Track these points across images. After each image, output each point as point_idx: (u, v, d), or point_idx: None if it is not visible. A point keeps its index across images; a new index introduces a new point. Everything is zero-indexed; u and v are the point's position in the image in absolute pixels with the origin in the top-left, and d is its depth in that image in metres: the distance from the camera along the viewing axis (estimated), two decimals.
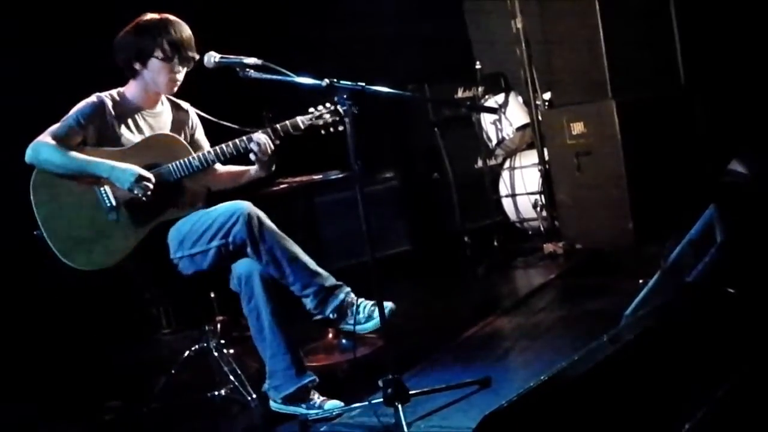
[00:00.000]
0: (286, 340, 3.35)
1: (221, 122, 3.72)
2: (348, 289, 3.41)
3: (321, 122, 3.59)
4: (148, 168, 3.45)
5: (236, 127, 3.64)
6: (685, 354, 2.27)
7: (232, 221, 3.33)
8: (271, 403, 3.45)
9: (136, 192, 3.39)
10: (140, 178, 3.38)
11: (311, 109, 3.63)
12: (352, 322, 3.34)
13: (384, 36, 6.54)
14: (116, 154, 3.46)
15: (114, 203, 3.43)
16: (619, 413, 2.07)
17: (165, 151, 3.56)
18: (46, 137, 3.41)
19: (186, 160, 3.52)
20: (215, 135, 3.73)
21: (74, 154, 3.41)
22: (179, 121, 3.75)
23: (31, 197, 3.40)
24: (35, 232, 3.42)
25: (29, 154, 3.41)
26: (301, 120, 3.57)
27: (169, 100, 3.75)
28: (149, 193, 3.41)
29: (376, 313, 3.23)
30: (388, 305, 3.24)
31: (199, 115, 3.82)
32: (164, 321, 5.15)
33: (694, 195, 4.34)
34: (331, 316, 3.37)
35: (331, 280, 3.39)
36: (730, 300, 2.45)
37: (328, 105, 3.59)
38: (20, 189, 3.45)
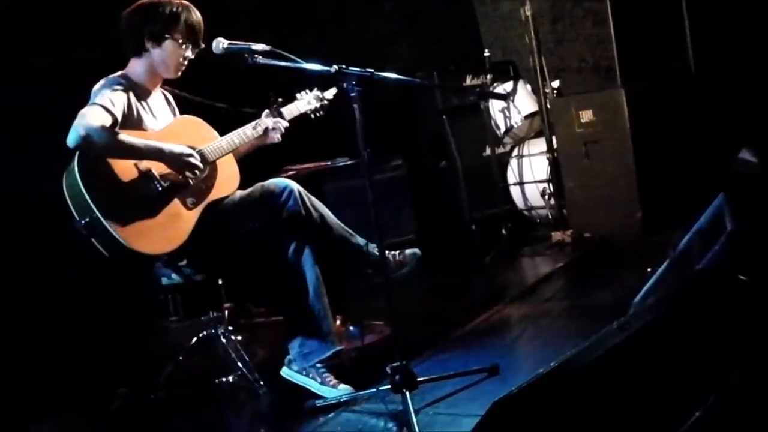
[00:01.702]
0: (326, 307, 3.43)
1: (208, 102, 3.77)
2: (373, 244, 3.49)
3: (309, 108, 3.85)
4: None
5: (223, 106, 3.71)
6: (695, 341, 2.27)
7: (284, 197, 3.43)
8: (284, 370, 3.48)
9: (188, 174, 3.38)
10: (194, 159, 3.38)
11: (297, 95, 3.80)
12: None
13: (393, 24, 6.53)
14: (154, 137, 3.42)
15: (164, 185, 3.34)
16: (629, 401, 2.06)
17: (194, 134, 3.56)
18: (89, 120, 3.20)
19: (218, 143, 3.53)
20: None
21: (126, 136, 3.28)
22: (171, 106, 3.78)
23: (79, 182, 3.16)
24: (84, 220, 3.17)
25: (75, 138, 3.15)
26: (296, 105, 3.80)
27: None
28: (198, 174, 3.42)
29: (407, 259, 3.55)
30: (415, 252, 3.56)
31: (180, 96, 3.82)
32: (171, 308, 5.15)
33: (703, 183, 4.33)
34: (369, 271, 3.54)
35: (360, 239, 3.59)
36: (740, 287, 2.43)
37: (308, 91, 3.84)
38: (31, 181, 3.41)
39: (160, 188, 3.33)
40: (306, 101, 3.88)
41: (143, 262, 3.35)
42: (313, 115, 3.89)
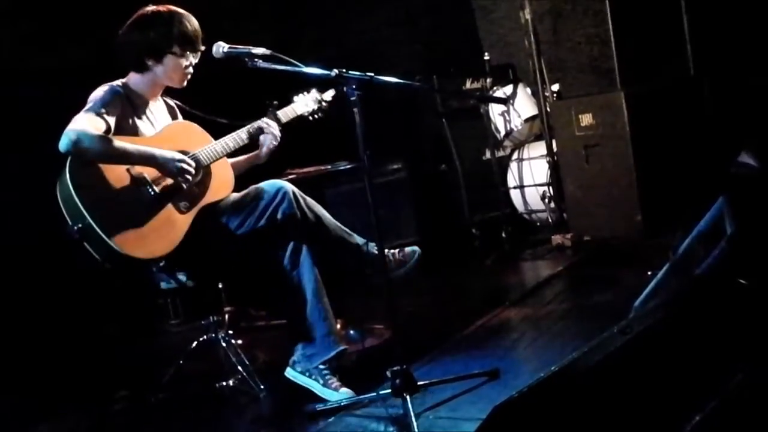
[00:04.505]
0: (326, 308, 3.42)
1: (210, 117, 3.72)
2: (372, 243, 3.49)
3: (306, 110, 3.84)
4: None
5: (225, 121, 3.68)
6: (696, 345, 2.27)
7: (278, 200, 3.42)
8: (288, 371, 3.48)
9: (180, 179, 3.37)
10: (186, 164, 3.37)
11: (294, 97, 3.82)
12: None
13: (393, 27, 6.53)
14: (147, 142, 3.41)
15: (156, 190, 3.34)
16: (630, 405, 2.06)
17: (188, 138, 3.56)
18: (82, 125, 3.22)
19: (212, 146, 3.53)
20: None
21: (118, 141, 3.28)
22: (173, 115, 3.76)
23: (71, 188, 3.19)
24: (77, 225, 3.18)
25: (66, 143, 3.18)
26: (292, 107, 3.80)
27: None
28: (190, 178, 3.40)
29: (407, 257, 3.56)
30: (415, 249, 3.58)
31: (185, 110, 3.81)
32: (172, 312, 5.15)
33: (703, 187, 4.33)
34: (367, 271, 3.54)
35: (359, 238, 3.59)
36: (741, 291, 2.44)
37: (305, 93, 3.84)
38: (31, 185, 3.41)
39: (152, 193, 3.34)
40: (303, 103, 3.86)
41: (137, 266, 3.33)
42: (311, 117, 3.88)
